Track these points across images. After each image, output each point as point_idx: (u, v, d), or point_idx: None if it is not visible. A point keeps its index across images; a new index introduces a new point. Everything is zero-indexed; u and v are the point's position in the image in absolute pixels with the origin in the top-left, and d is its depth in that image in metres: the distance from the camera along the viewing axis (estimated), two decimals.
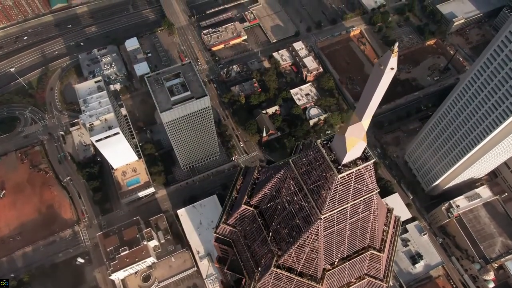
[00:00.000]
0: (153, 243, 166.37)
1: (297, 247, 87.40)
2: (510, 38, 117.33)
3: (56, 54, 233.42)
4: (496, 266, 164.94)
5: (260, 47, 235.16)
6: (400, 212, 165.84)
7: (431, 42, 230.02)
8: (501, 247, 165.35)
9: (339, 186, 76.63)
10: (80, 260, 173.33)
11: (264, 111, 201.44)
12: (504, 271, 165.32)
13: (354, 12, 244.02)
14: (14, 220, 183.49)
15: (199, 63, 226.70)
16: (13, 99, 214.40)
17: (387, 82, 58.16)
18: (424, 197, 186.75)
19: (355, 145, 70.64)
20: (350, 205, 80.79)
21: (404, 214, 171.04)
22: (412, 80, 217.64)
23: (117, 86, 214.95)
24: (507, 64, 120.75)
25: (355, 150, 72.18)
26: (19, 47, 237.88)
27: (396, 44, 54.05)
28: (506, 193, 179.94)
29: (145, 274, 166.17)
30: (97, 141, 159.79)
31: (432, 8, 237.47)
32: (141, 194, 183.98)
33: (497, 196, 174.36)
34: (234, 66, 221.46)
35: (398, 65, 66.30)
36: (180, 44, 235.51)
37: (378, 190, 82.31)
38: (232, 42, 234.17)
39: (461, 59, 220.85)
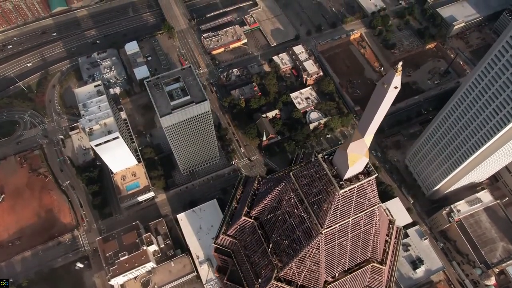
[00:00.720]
0: (152, 248, 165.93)
1: (297, 261, 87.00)
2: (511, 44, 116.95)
3: (55, 58, 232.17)
4: (497, 271, 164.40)
5: (260, 50, 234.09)
6: (401, 216, 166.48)
7: (431, 45, 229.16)
8: (502, 252, 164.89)
9: (341, 200, 76.09)
10: (79, 265, 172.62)
11: (264, 115, 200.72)
12: (506, 276, 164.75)
13: (354, 15, 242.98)
14: (13, 225, 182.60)
15: (200, 67, 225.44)
16: (12, 103, 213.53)
17: (391, 100, 57.80)
18: (424, 201, 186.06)
19: (357, 161, 70.18)
20: (352, 219, 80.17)
21: (405, 218, 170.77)
22: (412, 84, 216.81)
23: (116, 90, 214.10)
24: (508, 69, 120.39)
25: (357, 165, 71.69)
26: (19, 50, 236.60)
27: (400, 63, 53.82)
28: (507, 197, 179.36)
29: (144, 279, 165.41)
30: (96, 145, 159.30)
31: (432, 11, 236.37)
32: (140, 198, 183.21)
33: (498, 201, 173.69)
34: (234, 70, 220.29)
35: None
36: (180, 48, 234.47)
37: (380, 204, 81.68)
38: (232, 46, 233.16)
39: (461, 63, 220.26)
